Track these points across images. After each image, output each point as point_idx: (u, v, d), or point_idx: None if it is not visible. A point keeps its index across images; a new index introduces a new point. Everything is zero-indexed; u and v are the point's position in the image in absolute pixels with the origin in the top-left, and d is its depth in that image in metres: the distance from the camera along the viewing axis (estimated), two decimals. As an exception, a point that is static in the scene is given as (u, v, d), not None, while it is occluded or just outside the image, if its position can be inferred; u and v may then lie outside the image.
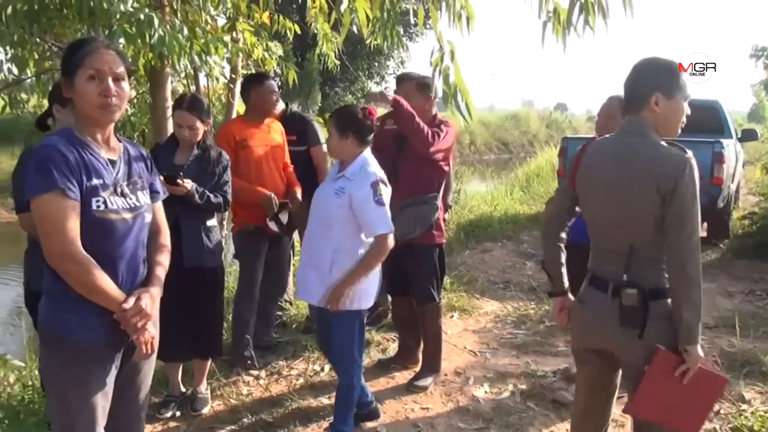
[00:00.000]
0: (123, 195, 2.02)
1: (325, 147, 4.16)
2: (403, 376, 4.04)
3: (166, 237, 2.25)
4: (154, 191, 2.21)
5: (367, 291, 3.13)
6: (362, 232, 3.06)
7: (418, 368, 4.03)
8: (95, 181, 1.94)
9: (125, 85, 2.00)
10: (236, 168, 3.77)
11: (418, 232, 3.72)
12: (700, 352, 2.16)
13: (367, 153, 3.15)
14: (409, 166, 3.75)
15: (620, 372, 2.42)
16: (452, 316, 5.24)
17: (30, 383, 3.58)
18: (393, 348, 4.42)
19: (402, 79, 3.95)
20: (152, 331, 2.03)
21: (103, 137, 2.03)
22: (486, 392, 3.89)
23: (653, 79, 2.20)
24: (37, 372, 3.70)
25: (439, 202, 3.82)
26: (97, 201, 1.94)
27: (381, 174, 3.09)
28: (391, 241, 3.05)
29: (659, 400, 2.22)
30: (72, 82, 1.95)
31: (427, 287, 3.85)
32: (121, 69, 1.97)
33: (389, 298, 4.51)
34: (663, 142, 2.20)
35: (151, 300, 2.02)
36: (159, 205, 2.26)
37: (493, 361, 4.40)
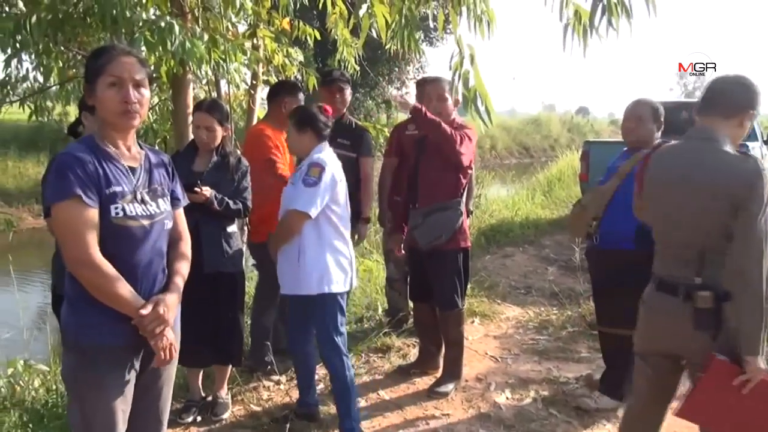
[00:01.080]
0: (142, 202, 2.03)
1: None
2: (423, 382, 4.02)
3: (186, 245, 2.26)
4: (175, 198, 2.22)
5: (334, 274, 3.17)
6: (325, 218, 3.15)
7: (438, 374, 4.00)
8: (114, 189, 1.96)
9: (146, 91, 2.01)
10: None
11: (444, 238, 3.68)
12: (761, 364, 2.14)
13: (324, 145, 3.26)
14: (430, 172, 3.73)
15: (681, 379, 2.48)
16: (473, 322, 5.20)
17: (54, 387, 3.62)
18: (413, 353, 4.40)
19: (429, 82, 3.90)
20: (170, 337, 2.04)
21: (125, 144, 2.05)
22: (507, 398, 3.86)
23: (754, 98, 2.29)
24: (60, 376, 3.74)
25: (463, 207, 3.77)
26: (116, 208, 1.96)
27: (327, 161, 3.15)
28: (299, 222, 3.10)
29: (713, 408, 2.23)
30: (93, 89, 1.97)
31: (451, 294, 3.80)
32: (142, 75, 1.99)
33: (410, 303, 4.50)
34: (733, 151, 2.26)
35: (168, 306, 2.03)
36: (180, 212, 2.27)
37: (514, 367, 4.36)
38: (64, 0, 3.57)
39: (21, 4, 3.75)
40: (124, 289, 1.93)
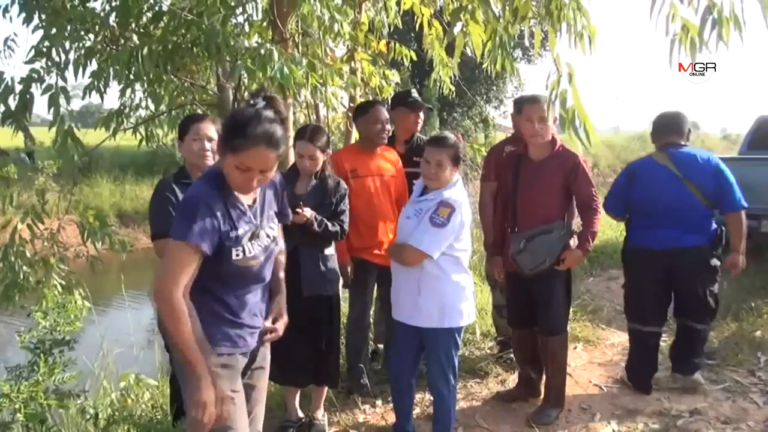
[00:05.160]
0: (259, 237, 2.14)
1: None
2: (523, 410, 3.88)
3: (282, 269, 2.42)
4: (280, 214, 2.36)
5: (456, 308, 3.12)
6: (447, 255, 3.08)
7: (539, 402, 3.86)
8: (237, 233, 2.06)
9: (269, 174, 2.07)
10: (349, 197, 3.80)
11: (548, 262, 3.56)
12: None
13: (456, 178, 3.22)
14: (530, 193, 3.62)
15: None
16: (576, 348, 4.99)
17: (160, 402, 3.75)
18: (512, 379, 4.27)
19: (527, 102, 3.80)
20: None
21: None
22: (614, 430, 3.65)
23: None
24: (168, 391, 3.88)
25: (566, 228, 3.65)
26: (237, 251, 2.06)
27: (459, 202, 3.08)
28: (419, 259, 3.05)
29: None
30: (225, 155, 2.01)
31: (557, 317, 3.67)
32: (272, 164, 2.03)
33: (509, 329, 4.37)
34: None
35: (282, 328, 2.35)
36: (280, 228, 2.38)
37: (621, 396, 4.12)
38: (173, 32, 3.74)
39: (135, 38, 3.97)
40: (187, 336, 1.97)
